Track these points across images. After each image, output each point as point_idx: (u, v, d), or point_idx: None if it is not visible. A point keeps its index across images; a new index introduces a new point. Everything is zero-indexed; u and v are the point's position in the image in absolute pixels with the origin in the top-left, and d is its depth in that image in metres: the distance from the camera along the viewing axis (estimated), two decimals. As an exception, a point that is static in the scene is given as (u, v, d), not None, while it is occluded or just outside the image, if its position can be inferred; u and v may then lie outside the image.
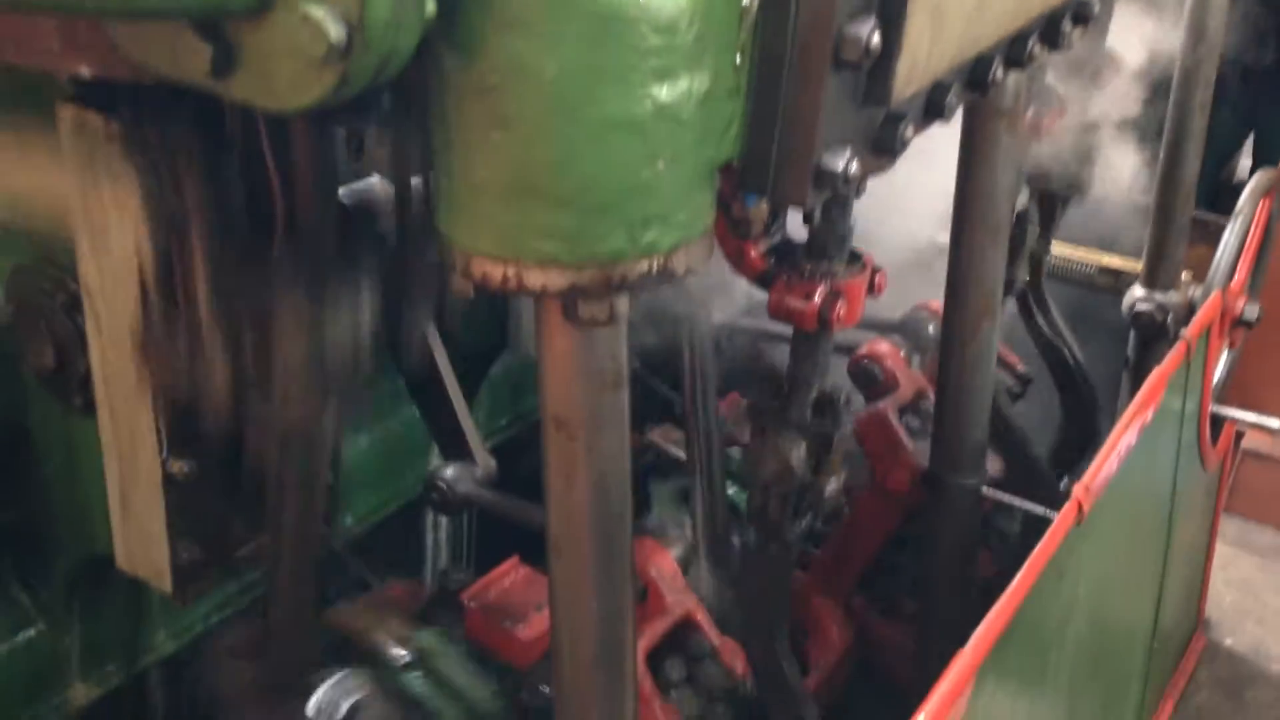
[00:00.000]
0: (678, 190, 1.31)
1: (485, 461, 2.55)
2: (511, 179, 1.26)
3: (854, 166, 1.39)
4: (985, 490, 2.54)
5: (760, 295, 1.98)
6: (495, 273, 1.30)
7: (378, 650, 2.44)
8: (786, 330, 2.96)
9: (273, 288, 1.79)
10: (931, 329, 3.02)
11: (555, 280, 1.28)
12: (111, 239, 1.75)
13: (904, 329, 3.07)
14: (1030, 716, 2.42)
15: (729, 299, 2.83)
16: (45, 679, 2.32)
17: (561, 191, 1.25)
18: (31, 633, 2.28)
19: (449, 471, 2.51)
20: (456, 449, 2.55)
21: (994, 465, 2.82)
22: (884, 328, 3.08)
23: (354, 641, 2.47)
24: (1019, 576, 2.09)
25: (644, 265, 1.29)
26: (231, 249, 1.78)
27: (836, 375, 2.62)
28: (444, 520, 3.32)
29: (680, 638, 2.43)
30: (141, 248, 1.73)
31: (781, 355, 3.37)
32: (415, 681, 2.44)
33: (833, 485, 2.16)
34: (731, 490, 3.06)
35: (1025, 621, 2.16)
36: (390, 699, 2.39)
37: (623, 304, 1.33)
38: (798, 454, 2.06)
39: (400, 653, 2.44)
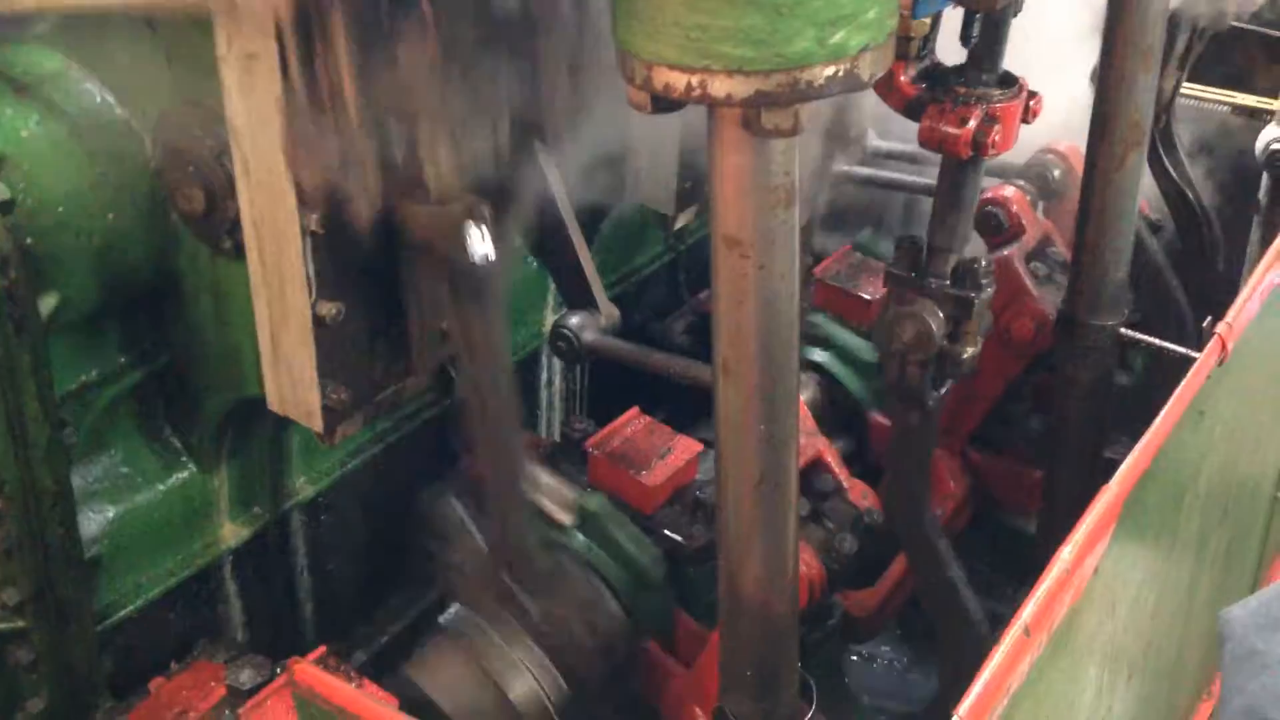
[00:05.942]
0: (866, -11, 1.25)
1: (609, 310, 2.54)
2: (697, -21, 1.21)
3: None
4: (1123, 331, 2.49)
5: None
6: (678, 82, 1.27)
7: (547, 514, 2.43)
8: (907, 178, 2.88)
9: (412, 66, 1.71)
10: (1058, 173, 2.93)
11: (741, 88, 1.25)
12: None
13: (1029, 174, 2.99)
14: (1165, 559, 2.40)
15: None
16: (197, 518, 2.41)
17: (749, -10, 1.21)
18: (184, 474, 2.37)
19: (574, 320, 2.50)
20: (579, 298, 2.54)
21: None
22: (1008, 173, 2.99)
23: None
24: (1163, 414, 2.04)
25: (831, 69, 1.26)
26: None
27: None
28: (556, 375, 3.35)
29: (809, 477, 2.45)
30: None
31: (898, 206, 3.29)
32: (585, 546, 2.43)
33: (970, 352, 2.13)
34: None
35: (1167, 460, 2.12)
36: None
37: (806, 113, 1.30)
38: (937, 320, 2.04)
39: (568, 518, 2.44)
